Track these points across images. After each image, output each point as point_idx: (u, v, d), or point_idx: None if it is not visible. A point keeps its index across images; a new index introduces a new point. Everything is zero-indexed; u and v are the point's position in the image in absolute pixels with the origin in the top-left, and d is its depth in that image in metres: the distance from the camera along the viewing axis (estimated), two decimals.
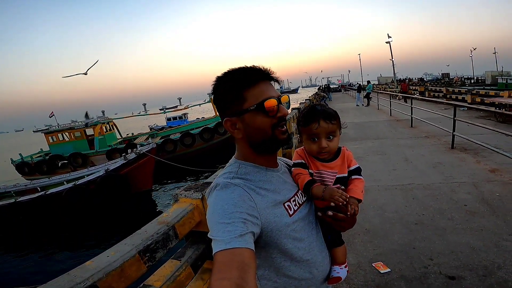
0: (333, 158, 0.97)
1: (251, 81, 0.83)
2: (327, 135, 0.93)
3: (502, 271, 2.12)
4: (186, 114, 27.65)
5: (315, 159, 0.97)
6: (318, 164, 0.97)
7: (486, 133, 6.39)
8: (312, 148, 0.95)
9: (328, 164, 0.96)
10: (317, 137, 0.94)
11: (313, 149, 0.95)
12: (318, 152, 0.95)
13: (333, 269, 0.96)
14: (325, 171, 0.96)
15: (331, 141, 0.94)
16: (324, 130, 0.92)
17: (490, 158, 4.76)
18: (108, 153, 14.53)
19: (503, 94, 11.43)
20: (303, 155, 1.00)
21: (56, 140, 15.91)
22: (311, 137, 0.95)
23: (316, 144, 0.94)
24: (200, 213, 1.62)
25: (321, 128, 0.92)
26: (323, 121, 0.92)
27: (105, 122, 16.72)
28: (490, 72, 30.47)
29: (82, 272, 0.92)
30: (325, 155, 0.95)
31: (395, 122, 9.65)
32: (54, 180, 10.91)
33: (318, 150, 0.94)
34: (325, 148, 0.93)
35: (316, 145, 0.94)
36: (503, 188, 3.58)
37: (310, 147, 0.96)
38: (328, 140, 0.94)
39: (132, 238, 1.18)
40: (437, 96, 15.99)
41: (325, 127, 0.92)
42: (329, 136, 0.94)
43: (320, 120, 0.92)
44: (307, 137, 0.96)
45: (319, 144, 0.93)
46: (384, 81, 46.94)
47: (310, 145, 0.96)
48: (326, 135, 0.93)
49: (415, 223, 2.96)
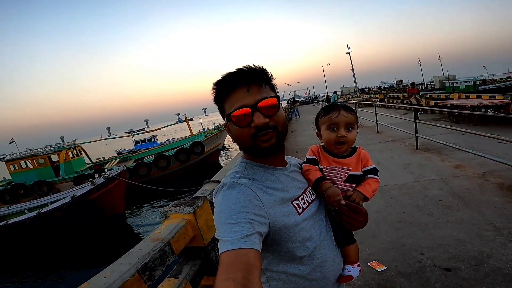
0: (348, 155, 0.97)
1: (226, 91, 0.81)
2: (346, 126, 0.95)
3: (492, 260, 2.22)
4: (155, 136, 26.85)
5: (328, 155, 0.97)
6: (331, 160, 0.96)
7: (444, 133, 6.94)
8: (331, 137, 0.95)
9: (341, 160, 0.96)
10: (336, 126, 0.95)
11: (332, 137, 0.95)
12: (336, 141, 0.94)
13: (345, 267, 0.94)
14: (338, 168, 0.95)
15: (350, 132, 0.95)
16: (344, 120, 0.94)
17: (453, 156, 5.12)
18: (76, 179, 13.87)
19: (453, 97, 12.56)
20: (316, 151, 0.99)
21: (18, 168, 14.90)
22: (330, 126, 0.96)
23: (335, 133, 0.94)
24: (193, 228, 1.54)
25: (341, 116, 0.94)
26: (343, 110, 0.95)
27: (72, 147, 15.86)
28: (438, 77, 33.63)
29: None
30: (343, 147, 0.95)
31: (362, 129, 10.12)
32: (13, 209, 10.29)
33: (336, 140, 0.94)
34: (344, 137, 0.93)
35: (335, 134, 0.94)
36: (470, 181, 3.84)
37: (329, 136, 0.96)
38: (347, 131, 0.95)
39: (128, 257, 1.07)
40: (395, 102, 17.14)
41: (344, 116, 0.94)
42: (348, 127, 0.95)
43: (340, 109, 0.95)
44: (326, 127, 0.97)
45: (338, 133, 0.94)
46: (347, 91, 49.67)
47: (329, 134, 0.96)
48: (345, 125, 0.94)
49: (398, 221, 3.05)
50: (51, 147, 15.59)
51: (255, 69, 0.81)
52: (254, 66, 0.82)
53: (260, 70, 0.82)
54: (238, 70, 0.81)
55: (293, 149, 8.07)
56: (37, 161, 14.87)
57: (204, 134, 17.73)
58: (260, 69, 0.82)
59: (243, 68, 0.81)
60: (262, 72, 0.82)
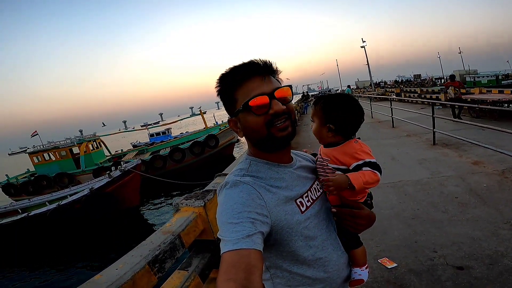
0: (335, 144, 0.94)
1: (239, 81, 0.80)
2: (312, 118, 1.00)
3: (507, 259, 2.16)
4: (169, 129, 27.29)
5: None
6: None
7: (463, 128, 6.69)
8: None
9: (323, 149, 0.97)
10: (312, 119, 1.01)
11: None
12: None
13: (354, 271, 0.92)
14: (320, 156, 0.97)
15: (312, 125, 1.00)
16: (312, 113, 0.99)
17: (471, 152, 4.96)
18: (95, 172, 14.17)
19: (474, 91, 12.03)
20: None
21: (41, 160, 15.49)
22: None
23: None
24: (203, 221, 1.57)
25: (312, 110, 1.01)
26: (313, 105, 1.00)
27: (91, 140, 16.32)
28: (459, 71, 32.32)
29: (94, 287, 0.85)
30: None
31: (377, 123, 9.91)
32: (35, 201, 10.64)
33: None
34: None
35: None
36: (489, 178, 3.71)
37: None
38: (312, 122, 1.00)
39: (139, 249, 1.11)
40: (412, 96, 16.65)
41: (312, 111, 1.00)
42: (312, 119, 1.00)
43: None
44: None
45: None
46: (362, 85, 48.60)
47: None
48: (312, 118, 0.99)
49: (412, 218, 3.00)
50: (71, 140, 16.11)
51: (266, 61, 0.82)
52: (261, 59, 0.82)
53: (270, 63, 0.83)
54: (249, 62, 0.81)
55: (305, 143, 8.02)
56: (59, 153, 15.34)
57: (219, 127, 17.82)
58: (269, 62, 0.83)
59: (252, 60, 0.81)
60: (271, 64, 0.83)
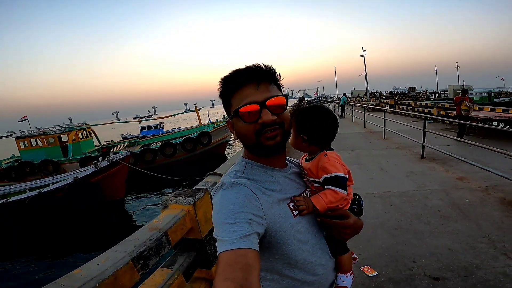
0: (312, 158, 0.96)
1: (235, 87, 0.81)
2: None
3: (481, 271, 2.24)
4: (161, 123, 27.02)
5: None
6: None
7: (452, 144, 6.85)
8: None
9: (304, 163, 0.99)
10: None
11: None
12: None
13: (339, 277, 0.94)
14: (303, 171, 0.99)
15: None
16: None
17: (457, 167, 5.08)
18: (82, 161, 13.83)
19: None
20: None
21: (27, 145, 15.05)
22: None
23: None
24: (192, 219, 1.56)
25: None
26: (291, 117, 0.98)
27: (82, 129, 15.96)
28: (453, 87, 32.97)
29: (72, 281, 0.83)
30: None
31: (369, 134, 10.03)
32: (15, 188, 10.30)
33: None
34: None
35: None
36: (471, 194, 3.82)
37: None
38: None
39: (123, 244, 1.10)
40: (405, 109, 16.94)
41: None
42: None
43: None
44: None
45: None
46: (357, 94, 49.18)
47: None
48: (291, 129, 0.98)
49: (395, 228, 3.07)
50: (61, 127, 15.75)
51: (264, 67, 0.81)
52: (263, 64, 0.82)
53: (269, 69, 0.82)
54: (247, 67, 0.81)
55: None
56: (47, 140, 14.98)
57: (213, 125, 17.73)
58: (269, 68, 0.82)
59: (252, 65, 0.81)
60: (271, 71, 0.83)
